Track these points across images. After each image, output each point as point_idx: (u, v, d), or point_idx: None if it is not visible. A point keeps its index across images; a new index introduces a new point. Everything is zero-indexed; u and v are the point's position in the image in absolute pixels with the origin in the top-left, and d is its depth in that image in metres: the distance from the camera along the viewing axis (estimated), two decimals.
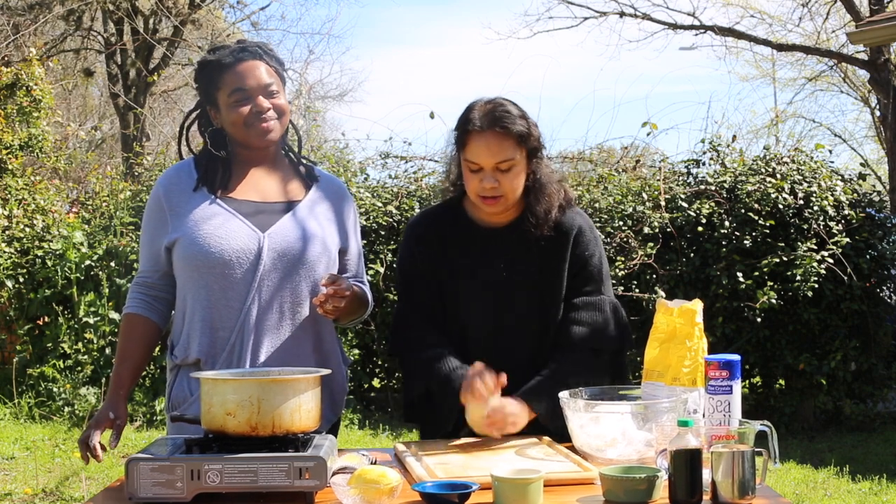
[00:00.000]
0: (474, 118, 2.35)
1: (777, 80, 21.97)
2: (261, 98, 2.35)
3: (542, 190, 2.43)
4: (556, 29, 16.27)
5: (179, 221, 2.33)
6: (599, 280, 2.49)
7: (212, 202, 2.35)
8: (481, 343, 2.44)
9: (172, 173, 2.43)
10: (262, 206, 2.37)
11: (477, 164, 2.35)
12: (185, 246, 2.31)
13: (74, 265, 7.48)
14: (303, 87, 11.27)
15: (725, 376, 2.05)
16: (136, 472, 1.83)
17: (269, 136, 2.37)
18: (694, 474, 1.79)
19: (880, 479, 5.52)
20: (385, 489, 1.78)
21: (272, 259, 2.31)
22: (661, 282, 6.70)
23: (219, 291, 2.30)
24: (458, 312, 2.46)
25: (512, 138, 2.34)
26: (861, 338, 6.84)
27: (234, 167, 2.41)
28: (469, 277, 2.45)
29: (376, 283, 6.82)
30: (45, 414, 7.12)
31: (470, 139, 2.35)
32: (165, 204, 2.37)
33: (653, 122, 7.61)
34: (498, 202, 2.38)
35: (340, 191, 2.52)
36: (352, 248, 2.49)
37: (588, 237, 2.48)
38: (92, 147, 17.37)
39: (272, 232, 2.33)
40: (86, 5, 15.52)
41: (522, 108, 2.40)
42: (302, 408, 1.94)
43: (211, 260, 2.29)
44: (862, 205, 6.95)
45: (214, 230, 2.30)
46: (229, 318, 2.31)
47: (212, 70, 2.38)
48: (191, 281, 2.33)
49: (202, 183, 2.37)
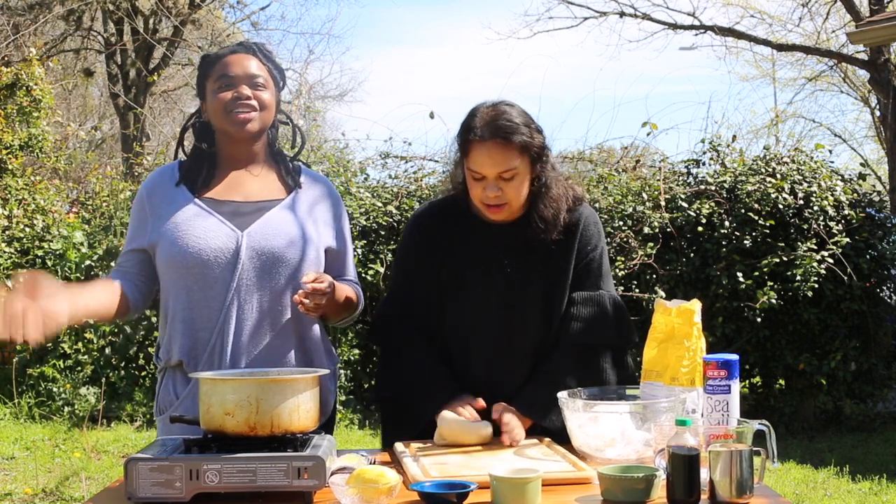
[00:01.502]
0: (476, 126, 2.32)
1: (777, 80, 22.00)
2: (244, 86, 2.35)
3: (547, 194, 2.41)
4: (556, 29, 16.30)
5: (159, 223, 2.33)
6: (599, 275, 2.48)
7: (193, 204, 2.35)
8: (485, 338, 2.42)
9: (156, 175, 2.44)
10: (244, 205, 2.36)
11: (479, 173, 2.33)
12: (163, 248, 2.31)
13: (74, 265, 7.49)
14: (303, 87, 11.26)
15: (724, 376, 2.05)
16: (136, 472, 1.83)
17: (247, 126, 2.35)
18: (692, 474, 1.79)
19: (880, 479, 5.52)
20: (383, 489, 1.78)
21: (250, 258, 2.30)
22: (661, 282, 6.70)
23: (198, 292, 2.30)
24: (463, 306, 2.44)
25: (514, 148, 2.31)
26: (861, 338, 6.84)
27: (217, 166, 2.41)
28: (474, 271, 2.43)
29: (376, 282, 6.82)
30: (45, 414, 7.13)
31: (472, 148, 2.33)
32: (148, 206, 2.37)
33: (653, 122, 7.61)
34: (502, 209, 2.37)
35: (327, 190, 2.50)
36: (340, 246, 2.47)
37: (591, 231, 2.48)
38: (92, 147, 17.37)
39: (251, 231, 2.31)
40: (86, 5, 15.52)
41: (526, 114, 2.37)
42: (300, 408, 1.94)
43: (189, 260, 2.28)
44: (862, 205, 6.95)
45: (192, 230, 2.30)
46: (209, 318, 2.30)
47: (207, 64, 2.41)
48: (171, 282, 2.33)
49: (183, 180, 2.38)
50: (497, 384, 2.40)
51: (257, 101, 2.36)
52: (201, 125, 2.44)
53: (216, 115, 2.37)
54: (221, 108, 2.35)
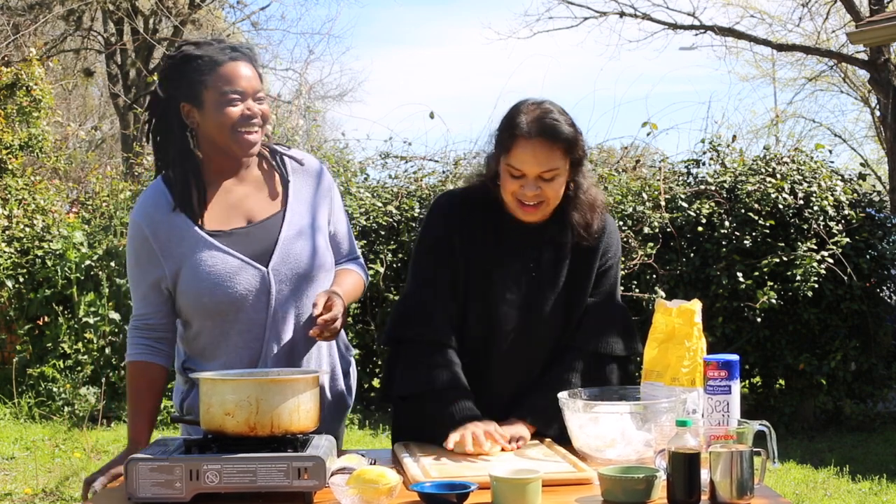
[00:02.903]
0: (522, 123, 2.24)
1: (777, 80, 21.99)
2: (251, 101, 2.26)
3: (580, 199, 2.36)
4: (556, 29, 16.28)
5: (173, 263, 2.25)
6: (614, 283, 2.47)
7: (202, 239, 2.25)
8: (505, 338, 2.36)
9: (150, 205, 2.29)
10: (251, 230, 2.30)
11: (520, 171, 2.26)
12: (191, 296, 2.25)
13: (74, 265, 7.49)
14: (303, 87, 11.26)
15: (724, 376, 2.05)
16: (136, 473, 1.84)
17: (252, 149, 2.28)
18: (692, 474, 1.79)
19: (880, 479, 5.51)
20: (383, 489, 1.78)
21: (279, 291, 2.27)
22: (661, 282, 6.70)
23: (235, 336, 2.27)
24: (485, 304, 2.35)
25: (560, 148, 2.25)
26: (861, 338, 6.84)
27: (206, 176, 2.30)
28: (499, 267, 2.35)
29: (376, 282, 6.83)
30: (45, 414, 7.13)
31: (516, 145, 2.24)
32: (154, 244, 2.26)
33: (653, 122, 7.59)
34: (538, 209, 2.30)
35: (317, 173, 2.42)
36: (340, 227, 2.45)
37: (614, 239, 2.45)
38: (92, 147, 17.37)
39: (275, 265, 2.27)
40: (86, 5, 15.53)
41: (569, 114, 2.32)
42: (300, 408, 1.94)
43: (221, 307, 2.24)
44: (862, 205, 6.95)
45: (218, 275, 2.23)
46: (248, 356, 2.28)
47: (202, 65, 2.23)
48: (203, 323, 2.29)
49: (179, 207, 2.26)
50: (514, 383, 2.37)
51: (262, 118, 2.28)
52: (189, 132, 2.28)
53: (220, 130, 2.25)
54: (228, 126, 2.24)
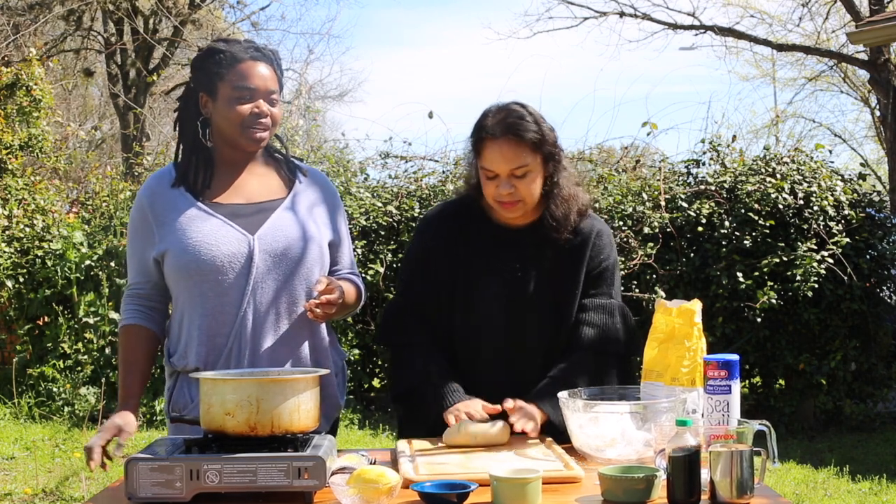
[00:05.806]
0: (488, 125, 2.37)
1: (777, 80, 21.98)
2: (262, 102, 2.33)
3: (559, 194, 2.44)
4: (556, 29, 16.26)
5: (166, 231, 2.32)
6: (611, 284, 2.51)
7: (196, 208, 2.33)
8: (494, 341, 2.44)
9: (154, 182, 2.40)
10: (248, 207, 2.36)
11: (493, 171, 2.36)
12: (175, 256, 2.30)
13: (74, 265, 7.48)
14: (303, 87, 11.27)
15: (724, 376, 2.05)
16: (136, 473, 1.84)
17: (259, 144, 2.37)
18: (692, 474, 1.79)
19: (880, 479, 5.52)
20: (384, 489, 1.78)
21: (264, 261, 2.30)
22: (661, 282, 6.70)
23: (213, 298, 2.30)
24: (472, 310, 2.45)
25: (526, 145, 2.35)
26: (861, 338, 6.84)
27: (215, 166, 2.39)
28: (484, 275, 2.45)
29: (376, 282, 6.83)
30: (45, 414, 7.13)
31: (484, 146, 2.37)
32: (150, 215, 2.35)
33: (653, 122, 7.59)
34: (516, 206, 2.39)
35: (324, 183, 2.51)
36: (341, 240, 2.49)
37: (605, 241, 2.51)
38: (92, 147, 17.37)
39: (262, 234, 2.32)
40: (86, 5, 15.52)
41: (537, 113, 2.41)
42: (301, 408, 1.94)
43: (203, 267, 2.28)
44: (862, 205, 6.95)
45: (203, 237, 2.29)
46: (225, 324, 2.31)
47: (223, 59, 2.34)
48: (185, 290, 2.33)
49: (180, 182, 2.36)
50: (504, 385, 2.39)
51: (271, 119, 2.36)
52: (203, 121, 2.39)
53: (229, 125, 2.34)
54: (238, 122, 2.33)
